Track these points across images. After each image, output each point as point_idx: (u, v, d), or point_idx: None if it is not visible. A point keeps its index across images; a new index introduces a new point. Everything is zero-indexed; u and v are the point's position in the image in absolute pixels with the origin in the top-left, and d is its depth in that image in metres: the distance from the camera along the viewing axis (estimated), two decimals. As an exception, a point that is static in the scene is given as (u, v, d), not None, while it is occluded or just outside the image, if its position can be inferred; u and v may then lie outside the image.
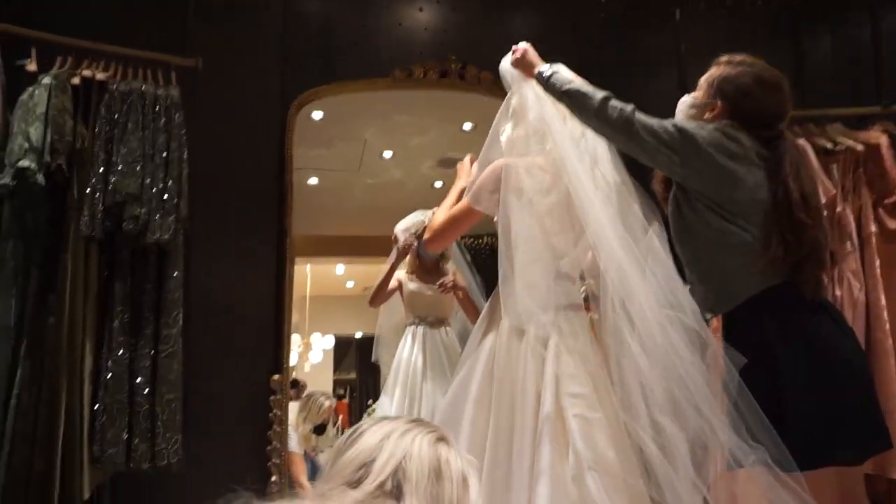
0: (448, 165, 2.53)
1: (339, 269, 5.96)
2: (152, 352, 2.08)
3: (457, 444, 0.87)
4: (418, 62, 2.93)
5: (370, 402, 3.51)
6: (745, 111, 1.60)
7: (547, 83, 1.63)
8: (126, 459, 1.99)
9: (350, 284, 6.36)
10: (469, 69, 2.97)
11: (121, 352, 2.03)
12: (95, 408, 2.00)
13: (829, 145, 2.68)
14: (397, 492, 0.76)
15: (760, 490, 1.33)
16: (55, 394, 1.93)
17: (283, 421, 2.45)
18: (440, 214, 1.84)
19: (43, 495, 1.85)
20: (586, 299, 1.74)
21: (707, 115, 1.65)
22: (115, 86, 2.20)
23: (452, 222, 1.79)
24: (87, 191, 2.06)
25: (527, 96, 1.76)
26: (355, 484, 0.78)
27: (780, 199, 1.51)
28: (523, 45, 1.75)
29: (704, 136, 1.53)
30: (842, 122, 2.76)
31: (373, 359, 3.19)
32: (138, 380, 2.04)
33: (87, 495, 1.93)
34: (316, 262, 5.21)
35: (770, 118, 1.61)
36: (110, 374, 2.01)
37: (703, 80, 1.71)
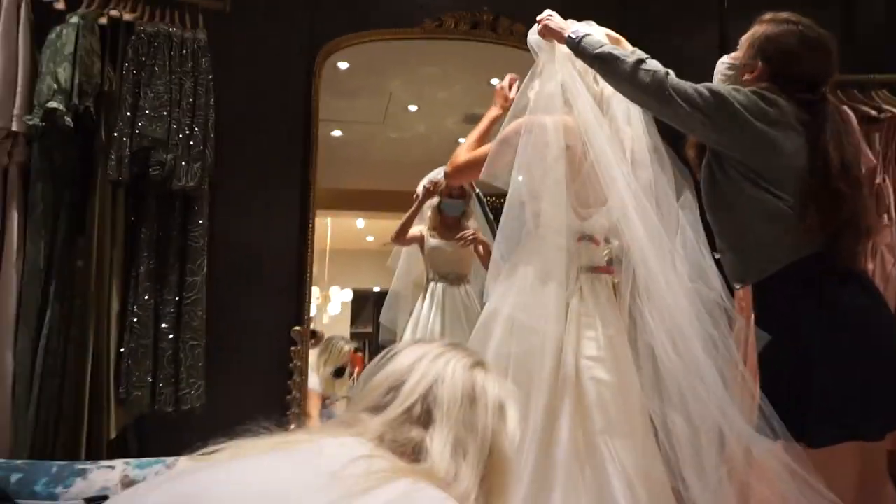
0: (473, 121, 2.47)
1: (360, 223, 5.95)
2: (177, 298, 2.10)
3: None
4: (449, 12, 2.83)
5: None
6: (786, 73, 1.53)
7: (578, 47, 1.58)
8: (151, 402, 2.03)
9: (370, 239, 6.37)
10: (501, 21, 2.87)
11: (146, 297, 2.05)
12: (122, 350, 2.03)
13: (873, 112, 2.58)
14: (426, 417, 0.70)
15: (771, 479, 1.32)
16: (83, 335, 1.96)
17: (304, 371, 2.48)
18: (466, 145, 1.81)
19: (71, 433, 1.90)
20: (610, 262, 1.72)
21: (746, 77, 1.58)
22: (142, 27, 2.15)
23: (475, 164, 1.76)
24: (115, 134, 2.04)
25: (554, 60, 1.72)
26: (382, 409, 0.72)
27: (818, 166, 1.45)
28: (547, 13, 1.70)
29: (741, 100, 1.47)
30: (888, 88, 2.64)
31: (381, 319, 3.20)
32: (163, 325, 2.06)
33: (113, 434, 1.98)
34: (337, 215, 5.20)
35: (813, 81, 1.54)
36: (136, 319, 2.03)
37: (744, 40, 1.63)
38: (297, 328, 2.50)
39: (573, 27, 1.63)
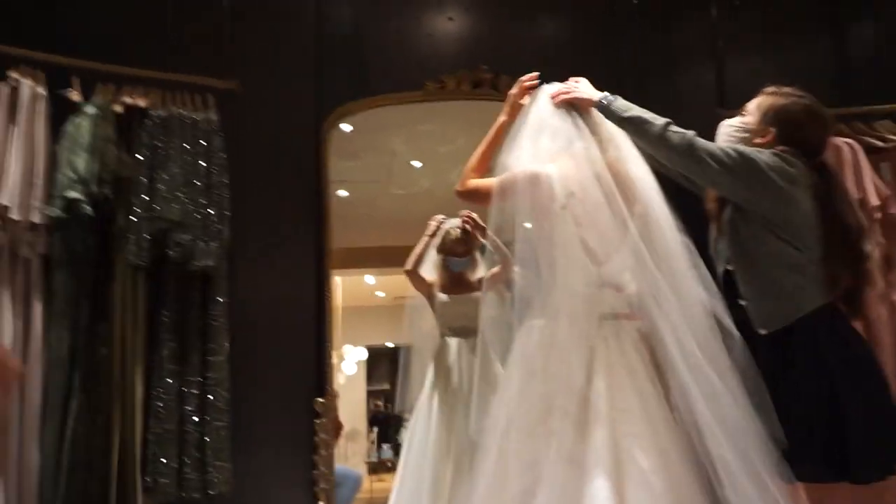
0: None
1: (370, 279, 5.95)
2: (200, 379, 2.07)
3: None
4: (450, 73, 2.90)
5: (407, 415, 3.49)
6: (795, 140, 1.67)
7: (608, 110, 1.68)
8: (178, 489, 1.98)
9: (381, 294, 6.36)
10: (502, 78, 2.93)
11: (170, 380, 2.02)
12: (147, 437, 1.99)
13: (878, 143, 2.63)
14: None
15: None
16: (109, 424, 1.93)
17: (329, 445, 2.43)
18: (474, 156, 1.81)
19: (99, 526, 1.85)
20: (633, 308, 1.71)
21: (757, 140, 1.72)
22: (156, 112, 2.19)
23: (484, 194, 1.74)
24: (133, 219, 2.06)
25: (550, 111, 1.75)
26: None
27: (838, 230, 1.60)
28: (573, 83, 1.74)
29: (766, 161, 1.60)
30: (890, 118, 2.69)
31: (397, 409, 3.19)
32: (187, 408, 2.03)
33: (141, 526, 1.92)
34: (346, 273, 5.21)
35: (817, 148, 1.70)
36: (160, 403, 2.00)
37: (753, 107, 1.77)
38: (319, 399, 2.46)
39: (601, 93, 1.71)
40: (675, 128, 1.62)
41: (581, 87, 1.71)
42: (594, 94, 1.70)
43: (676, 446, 1.51)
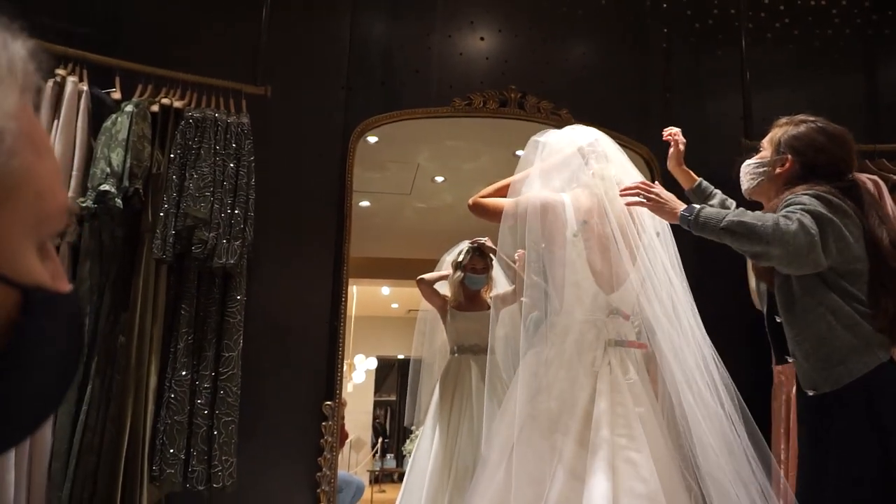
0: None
1: (385, 290, 6.00)
2: (213, 374, 2.12)
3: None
4: (478, 92, 2.95)
5: (414, 427, 3.50)
6: (818, 164, 1.58)
7: (697, 222, 1.48)
8: (183, 480, 2.02)
9: (395, 306, 6.40)
10: (529, 98, 2.98)
11: (184, 373, 2.08)
12: (157, 427, 2.04)
13: (904, 181, 2.61)
14: None
15: None
16: (122, 411, 1.98)
17: (334, 447, 2.45)
18: (495, 184, 1.87)
19: (105, 510, 1.89)
20: (640, 335, 1.73)
21: (778, 170, 1.62)
22: (190, 113, 2.27)
23: (495, 213, 1.80)
24: (161, 214, 2.13)
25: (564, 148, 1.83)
26: None
27: (871, 252, 1.48)
28: (644, 185, 1.64)
29: (830, 217, 1.45)
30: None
31: (406, 422, 3.22)
32: (199, 401, 2.07)
33: (145, 513, 1.96)
34: (363, 283, 5.27)
35: (843, 169, 1.60)
36: (173, 395, 2.05)
37: (766, 141, 1.69)
38: (328, 403, 2.50)
39: (683, 205, 1.57)
40: (788, 218, 1.41)
41: (663, 195, 1.59)
42: (676, 206, 1.56)
43: (675, 472, 1.53)
